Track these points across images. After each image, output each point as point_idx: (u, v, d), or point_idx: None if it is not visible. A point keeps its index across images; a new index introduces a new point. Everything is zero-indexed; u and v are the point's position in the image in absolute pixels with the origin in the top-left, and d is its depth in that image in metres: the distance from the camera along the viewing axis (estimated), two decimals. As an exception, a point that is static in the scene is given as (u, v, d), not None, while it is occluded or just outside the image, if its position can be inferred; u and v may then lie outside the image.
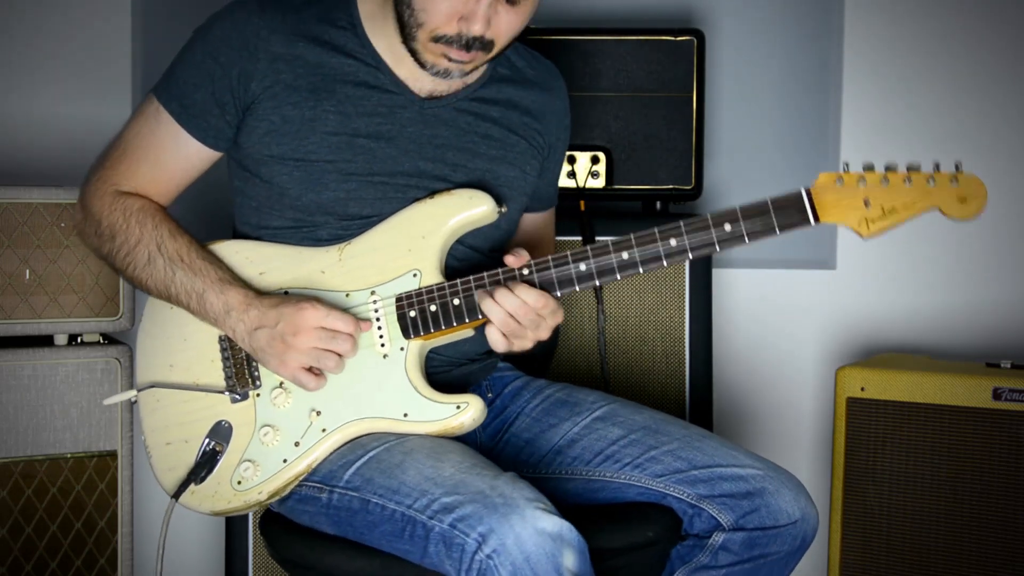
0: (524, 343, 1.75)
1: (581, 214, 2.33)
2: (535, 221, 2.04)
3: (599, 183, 2.41)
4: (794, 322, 2.82)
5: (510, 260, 1.74)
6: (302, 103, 1.78)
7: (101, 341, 2.30)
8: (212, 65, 1.77)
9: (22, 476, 2.22)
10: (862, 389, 2.36)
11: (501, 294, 1.71)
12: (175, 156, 1.83)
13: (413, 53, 1.77)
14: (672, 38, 2.41)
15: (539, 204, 2.03)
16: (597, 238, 2.36)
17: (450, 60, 1.75)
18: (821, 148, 2.75)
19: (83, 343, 2.28)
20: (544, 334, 1.76)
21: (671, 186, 2.43)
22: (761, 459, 1.79)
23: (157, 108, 1.81)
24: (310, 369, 1.74)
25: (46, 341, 2.26)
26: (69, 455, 2.26)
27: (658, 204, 2.47)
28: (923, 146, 2.75)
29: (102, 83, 2.66)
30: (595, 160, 2.40)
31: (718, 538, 1.77)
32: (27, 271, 2.22)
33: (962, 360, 2.58)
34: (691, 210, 2.58)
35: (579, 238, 2.34)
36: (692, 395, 2.40)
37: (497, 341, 1.74)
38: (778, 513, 1.73)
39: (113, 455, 2.29)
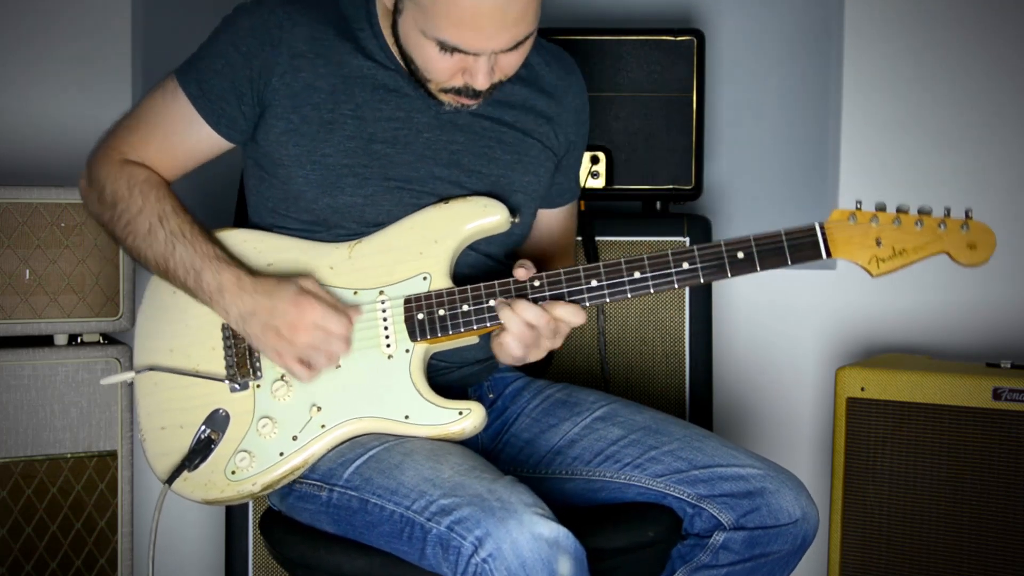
0: (539, 352, 1.75)
1: (581, 214, 2.33)
2: (554, 216, 2.02)
3: (599, 183, 2.41)
4: (794, 322, 2.82)
5: (519, 273, 1.74)
6: (321, 104, 1.79)
7: (101, 341, 2.30)
8: (234, 54, 1.78)
9: (22, 476, 2.22)
10: (862, 389, 2.36)
11: (521, 305, 1.71)
12: (185, 138, 1.83)
13: (429, 95, 1.77)
14: (672, 38, 2.41)
15: (560, 199, 2.01)
16: (597, 238, 2.36)
17: (463, 103, 1.76)
18: (821, 148, 2.75)
19: (83, 343, 2.28)
20: (558, 342, 1.75)
21: (671, 186, 2.43)
22: (761, 459, 1.79)
23: (176, 88, 1.82)
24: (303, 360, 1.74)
25: (46, 341, 2.26)
26: (69, 455, 2.26)
27: (658, 204, 2.47)
28: (922, 147, 2.75)
29: (102, 83, 2.66)
30: (595, 160, 2.41)
31: (719, 537, 1.77)
32: (27, 271, 2.22)
33: (962, 360, 2.58)
34: (691, 210, 2.59)
35: (579, 238, 2.34)
36: (692, 395, 2.40)
37: (512, 353, 1.73)
38: (779, 512, 1.73)
39: (113, 455, 2.29)
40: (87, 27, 2.65)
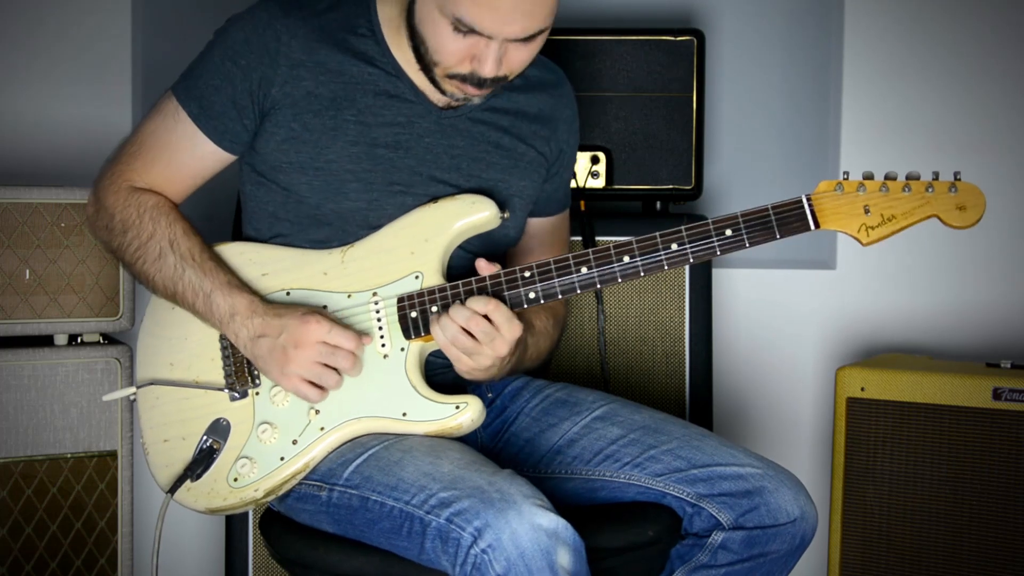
0: (482, 360, 1.72)
1: (581, 214, 2.33)
2: (544, 226, 2.03)
3: (599, 183, 2.41)
4: (794, 322, 2.82)
5: (481, 265, 1.74)
6: (323, 112, 1.79)
7: (101, 341, 2.30)
8: (232, 68, 1.78)
9: (22, 476, 2.23)
10: (862, 389, 2.36)
11: (453, 309, 1.71)
12: (190, 157, 1.83)
13: (433, 83, 1.78)
14: (672, 38, 2.41)
15: (551, 207, 2.02)
16: (597, 238, 2.36)
17: (466, 92, 1.76)
18: (821, 148, 2.75)
19: (83, 343, 2.28)
20: (502, 349, 1.71)
21: (671, 186, 2.43)
22: (761, 458, 1.79)
23: (176, 107, 1.82)
24: (311, 382, 1.74)
25: (46, 341, 2.26)
26: (69, 455, 2.26)
27: (658, 204, 2.47)
28: (922, 145, 2.75)
29: (102, 83, 2.66)
30: (595, 160, 2.41)
31: (718, 537, 1.77)
32: (27, 271, 2.22)
33: (962, 360, 2.58)
34: (691, 210, 2.59)
35: (579, 238, 2.34)
36: (692, 395, 2.40)
37: (458, 363, 1.73)
38: (777, 512, 1.73)
39: (113, 455, 2.29)
40: (87, 26, 2.66)
